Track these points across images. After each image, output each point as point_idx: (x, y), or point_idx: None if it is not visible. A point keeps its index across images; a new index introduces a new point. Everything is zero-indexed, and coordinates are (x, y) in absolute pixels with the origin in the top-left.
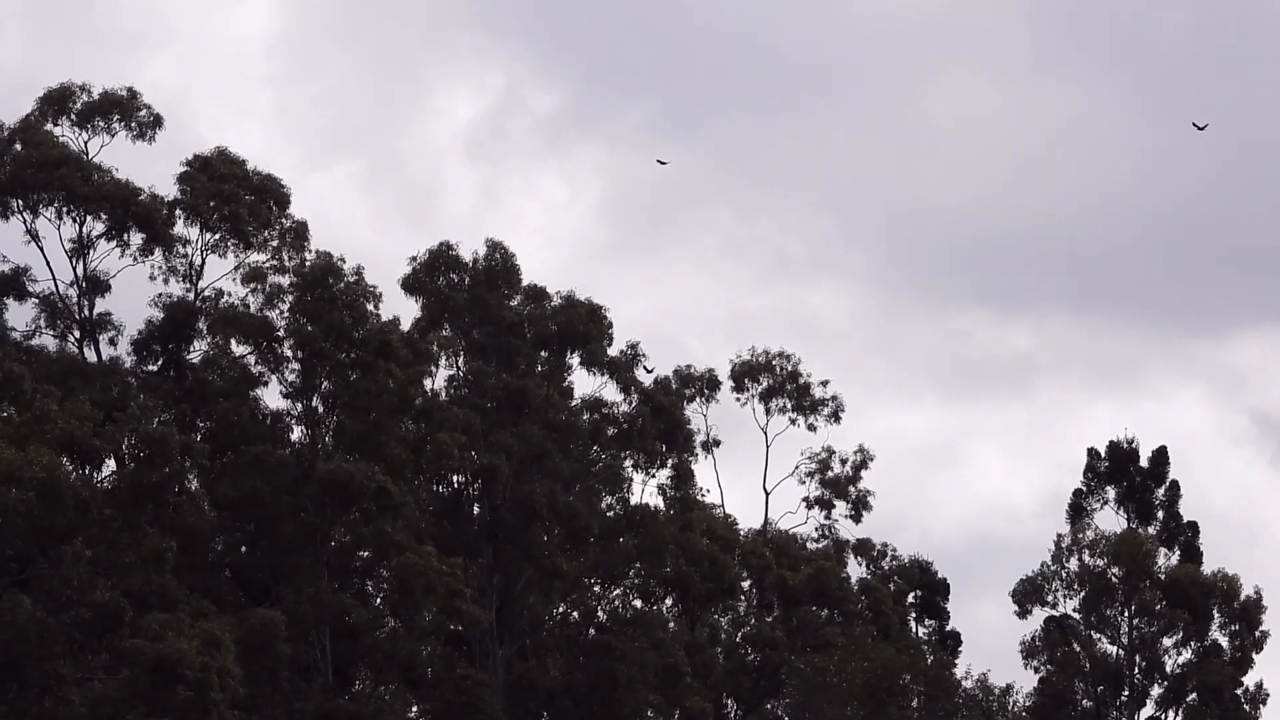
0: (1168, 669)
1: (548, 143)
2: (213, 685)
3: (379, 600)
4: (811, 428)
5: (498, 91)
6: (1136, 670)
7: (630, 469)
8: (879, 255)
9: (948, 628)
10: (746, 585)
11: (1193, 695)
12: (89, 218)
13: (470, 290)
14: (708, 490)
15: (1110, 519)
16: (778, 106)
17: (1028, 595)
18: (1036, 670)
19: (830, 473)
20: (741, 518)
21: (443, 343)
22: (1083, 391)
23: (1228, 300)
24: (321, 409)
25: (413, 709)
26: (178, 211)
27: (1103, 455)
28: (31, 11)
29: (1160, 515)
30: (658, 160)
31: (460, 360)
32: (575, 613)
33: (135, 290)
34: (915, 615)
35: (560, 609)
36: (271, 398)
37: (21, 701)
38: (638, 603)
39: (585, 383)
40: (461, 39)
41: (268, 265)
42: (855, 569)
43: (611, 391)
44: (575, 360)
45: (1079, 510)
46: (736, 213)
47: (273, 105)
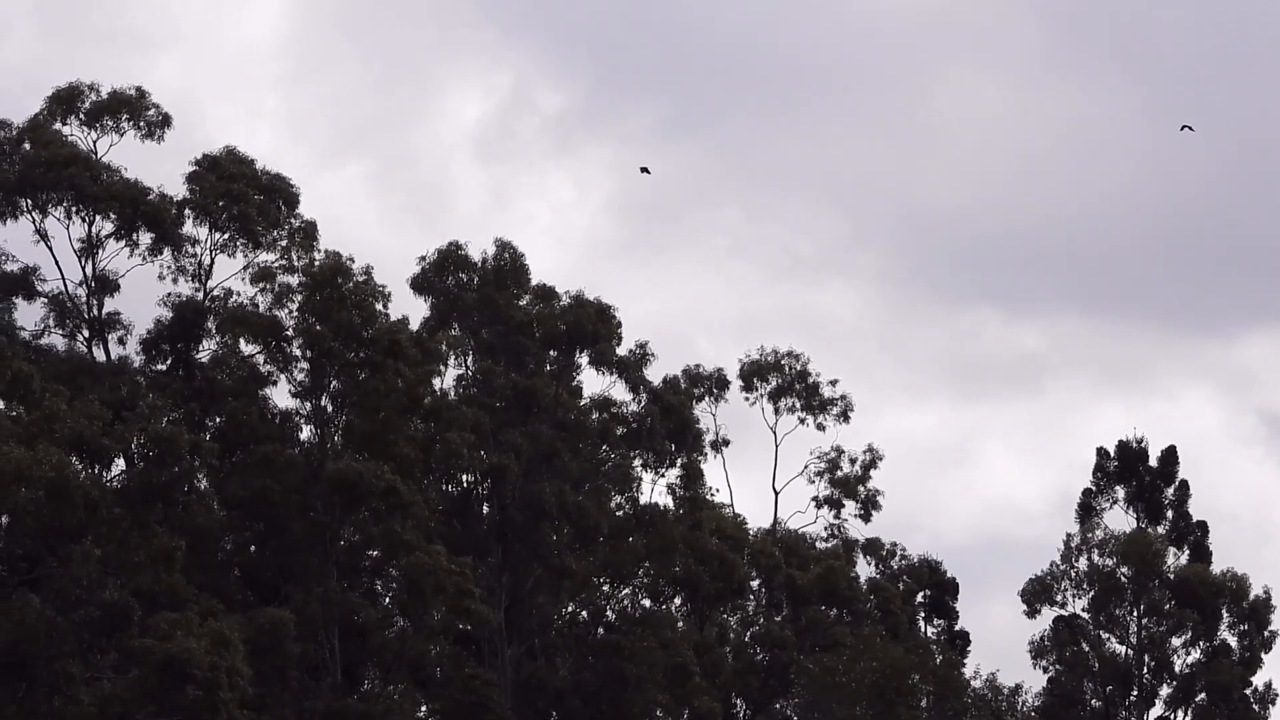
0: (1177, 669)
1: (557, 142)
2: (222, 684)
3: (388, 600)
4: (820, 427)
5: (506, 91)
6: (1145, 670)
7: (639, 468)
8: (888, 255)
9: (957, 627)
10: (755, 585)
11: (1202, 695)
12: (98, 217)
13: (479, 290)
14: (717, 490)
15: (1119, 519)
16: (787, 106)
17: (1037, 595)
18: (1045, 670)
19: (839, 472)
20: (750, 517)
21: (452, 342)
22: (1092, 391)
23: (1237, 300)
24: (330, 408)
25: (421, 708)
26: (187, 211)
27: (1112, 455)
28: (40, 11)
29: (1169, 515)
30: (641, 168)
31: (469, 360)
32: (584, 612)
33: (144, 290)
34: (924, 615)
35: (569, 608)
36: (280, 397)
37: (30, 700)
38: (646, 602)
39: (594, 382)
40: (470, 39)
41: (277, 265)
42: (864, 568)
43: (620, 391)
44: (584, 360)
45: (1088, 510)
46: (745, 212)
47: (282, 105)
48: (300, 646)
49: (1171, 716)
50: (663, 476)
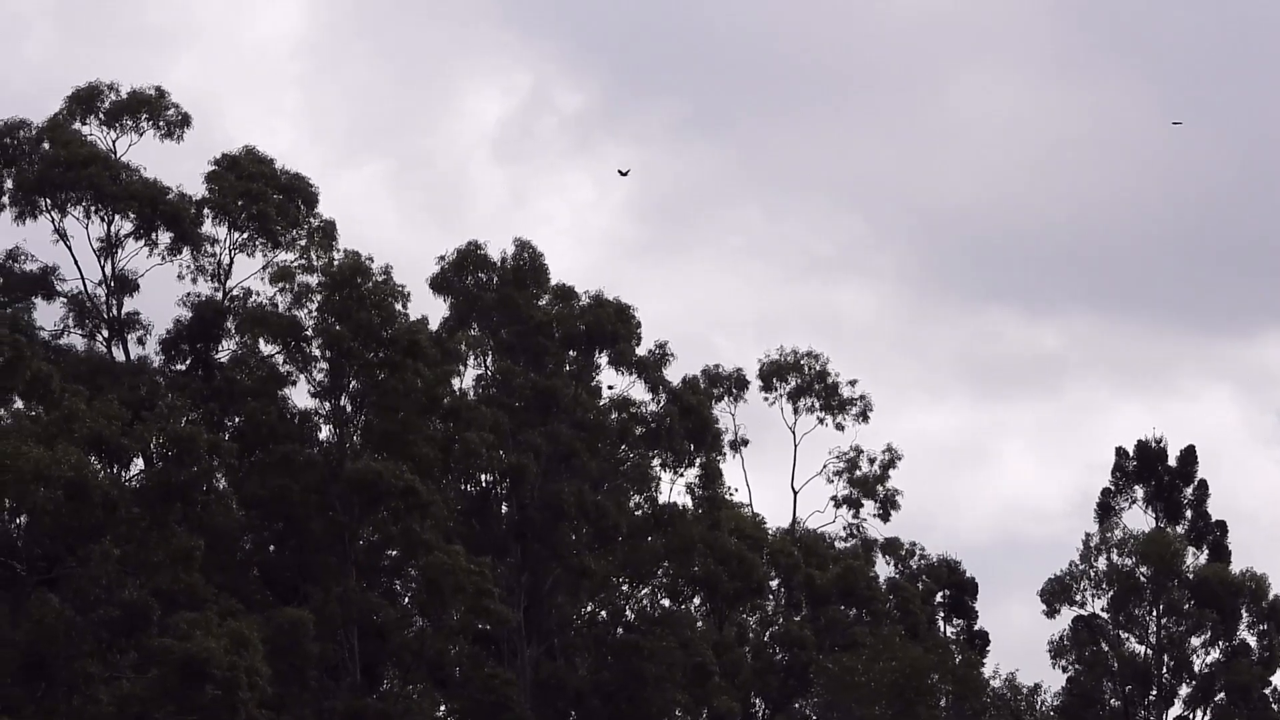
0: (1196, 668)
1: (576, 142)
2: (241, 684)
3: (407, 599)
4: (839, 427)
5: (526, 90)
6: (1164, 670)
7: (658, 468)
8: (907, 254)
9: (976, 627)
10: (774, 584)
11: (1221, 695)
12: (117, 217)
13: (498, 289)
14: (736, 489)
15: (1138, 518)
16: (805, 106)
17: (1056, 595)
18: (1064, 670)
19: (858, 472)
20: (770, 517)
21: (471, 342)
22: (1111, 391)
23: (1256, 300)
24: (350, 408)
25: (441, 708)
26: (206, 210)
27: (1131, 454)
28: (60, 11)
29: (1188, 514)
30: (619, 171)
31: (488, 359)
32: (603, 612)
33: (163, 289)
34: (943, 614)
35: (588, 608)
36: (300, 397)
37: (50, 700)
38: (666, 602)
39: (613, 382)
40: (489, 38)
41: (296, 264)
42: (883, 568)
43: (640, 391)
44: (603, 359)
45: (1107, 509)
46: (764, 212)
47: (301, 104)
48: (319, 646)
49: (1190, 716)
50: (682, 476)
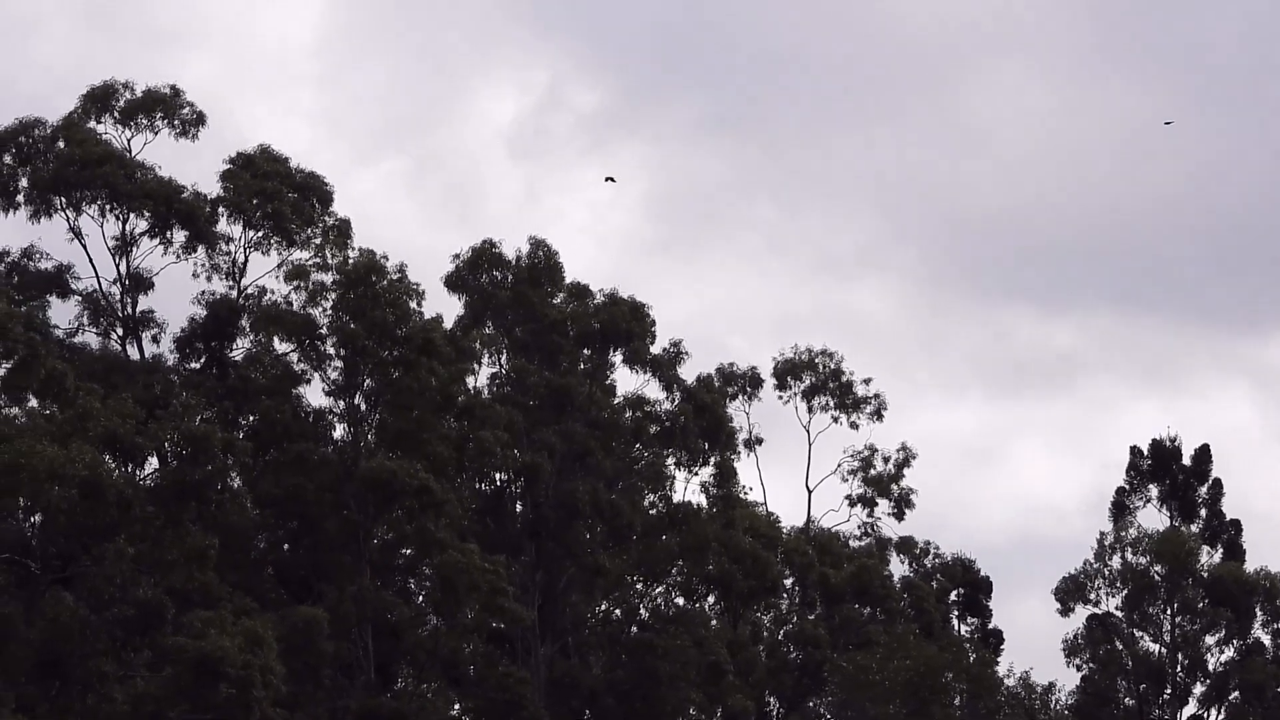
0: (1210, 667)
1: (592, 140)
2: (255, 683)
3: (421, 598)
4: (854, 426)
5: (542, 89)
6: (1179, 668)
7: (673, 467)
8: (923, 253)
9: (990, 626)
10: (789, 583)
11: (1235, 693)
12: (132, 215)
13: (513, 288)
14: (750, 488)
15: (1153, 517)
16: (822, 105)
17: (1070, 593)
18: (1079, 668)
19: (873, 471)
20: (784, 516)
21: (485, 340)
22: (1126, 389)
23: (1271, 298)
24: (364, 407)
25: (455, 707)
26: (220, 209)
27: (1145, 453)
28: (75, 9)
29: (1203, 513)
30: (606, 178)
31: (503, 358)
32: (617, 610)
33: (178, 288)
34: (958, 613)
35: (602, 607)
36: (314, 395)
37: (64, 699)
38: (680, 600)
39: (628, 380)
40: (505, 36)
41: (310, 263)
42: (898, 567)
43: (654, 389)
44: (618, 358)
45: (1121, 508)
46: (779, 210)
47: (316, 103)
48: (334, 645)
49: (1205, 715)
50: (696, 475)
